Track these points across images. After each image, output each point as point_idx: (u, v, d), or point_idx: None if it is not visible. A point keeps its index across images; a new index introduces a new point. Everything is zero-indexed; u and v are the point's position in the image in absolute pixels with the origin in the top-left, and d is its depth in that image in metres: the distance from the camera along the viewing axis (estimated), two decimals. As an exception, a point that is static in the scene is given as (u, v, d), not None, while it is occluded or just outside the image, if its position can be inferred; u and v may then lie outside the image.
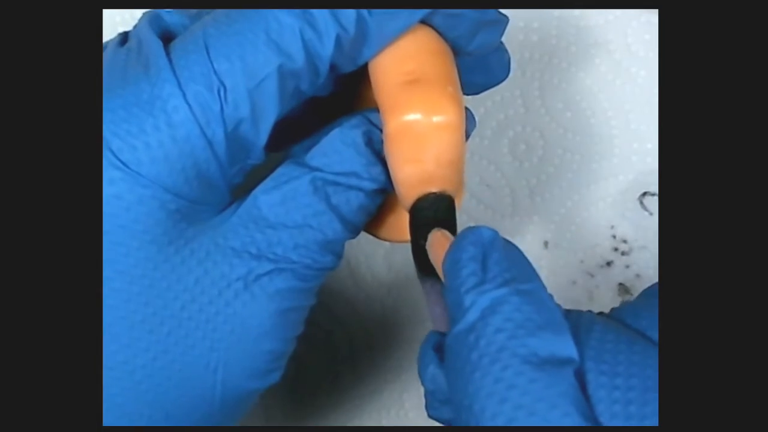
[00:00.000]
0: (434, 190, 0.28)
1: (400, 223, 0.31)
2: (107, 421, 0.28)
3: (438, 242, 0.28)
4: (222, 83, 0.27)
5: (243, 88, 0.27)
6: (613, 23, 0.40)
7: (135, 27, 0.29)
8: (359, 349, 0.40)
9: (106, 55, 0.28)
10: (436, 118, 0.28)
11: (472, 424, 0.23)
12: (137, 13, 0.37)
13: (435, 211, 0.28)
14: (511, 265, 0.25)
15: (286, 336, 0.29)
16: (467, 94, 0.31)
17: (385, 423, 0.40)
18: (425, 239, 0.28)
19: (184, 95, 0.26)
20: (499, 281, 0.25)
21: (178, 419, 0.28)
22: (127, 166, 0.26)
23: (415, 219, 0.29)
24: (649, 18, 0.39)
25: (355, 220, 0.29)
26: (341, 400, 0.40)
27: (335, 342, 0.40)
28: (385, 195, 0.30)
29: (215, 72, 0.27)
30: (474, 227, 0.26)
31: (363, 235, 0.33)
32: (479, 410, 0.23)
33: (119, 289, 0.27)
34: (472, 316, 0.24)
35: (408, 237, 0.30)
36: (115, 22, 0.31)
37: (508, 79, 0.40)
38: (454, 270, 0.25)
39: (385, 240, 0.32)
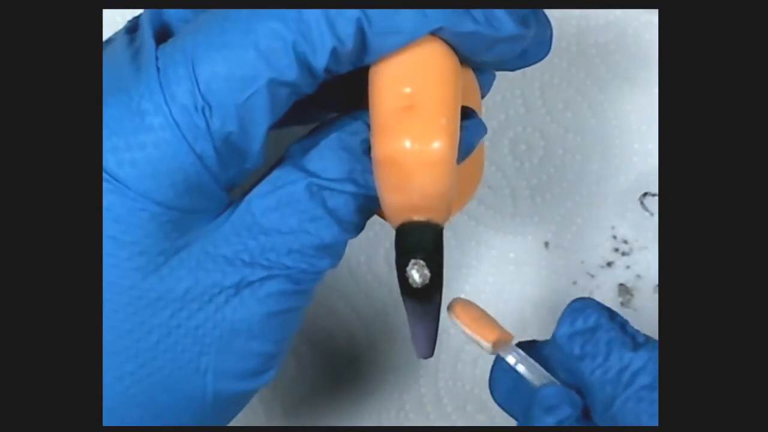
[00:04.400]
0: (419, 218, 0.28)
1: None
2: (101, 421, 0.28)
3: (470, 311, 0.29)
4: (207, 102, 0.26)
5: (230, 104, 0.26)
6: (614, 23, 0.40)
7: (142, 16, 0.29)
8: (359, 349, 0.40)
9: (114, 44, 0.28)
10: (423, 154, 0.27)
11: None
12: (138, 13, 0.37)
13: (416, 241, 0.28)
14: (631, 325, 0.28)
15: (278, 338, 0.29)
16: (498, 70, 0.30)
17: (385, 423, 0.40)
18: (407, 264, 0.28)
19: (170, 111, 0.26)
20: (647, 339, 0.27)
21: (168, 420, 0.28)
22: (116, 180, 0.26)
23: (399, 244, 0.28)
24: (650, 18, 0.39)
25: (354, 221, 0.29)
26: (341, 400, 0.40)
27: (335, 342, 0.40)
28: None
29: (200, 90, 0.26)
30: (588, 300, 0.28)
31: (364, 234, 0.33)
32: None
33: (108, 299, 0.27)
34: (651, 371, 0.26)
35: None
36: (116, 22, 0.31)
37: (508, 80, 0.40)
38: (597, 335, 0.27)
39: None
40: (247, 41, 0.26)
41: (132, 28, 0.29)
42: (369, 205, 0.29)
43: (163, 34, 0.28)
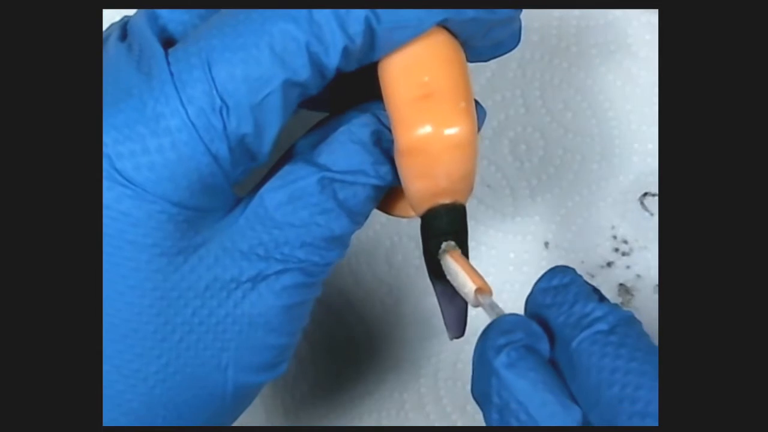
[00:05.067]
0: (446, 201, 0.29)
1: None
2: (124, 424, 0.28)
3: (459, 262, 0.29)
4: (225, 103, 0.27)
5: (246, 105, 0.27)
6: (614, 24, 0.40)
7: (133, 19, 0.29)
8: (359, 348, 0.40)
9: (108, 52, 0.28)
10: (448, 138, 0.28)
11: (638, 412, 0.25)
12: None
13: (447, 223, 0.29)
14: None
15: (292, 329, 0.30)
16: (472, 62, 0.31)
17: (385, 423, 0.40)
18: (438, 248, 0.29)
19: (187, 113, 0.26)
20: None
21: (191, 417, 0.29)
22: (134, 184, 0.27)
23: (427, 229, 0.29)
24: (650, 18, 0.39)
25: (362, 211, 0.30)
26: (341, 399, 0.40)
27: (335, 341, 0.40)
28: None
29: (218, 91, 0.27)
30: (562, 265, 0.28)
31: (364, 234, 0.33)
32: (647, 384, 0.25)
33: (131, 302, 0.27)
34: (611, 320, 0.26)
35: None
36: (115, 22, 0.31)
37: (508, 80, 0.40)
38: (569, 288, 0.27)
39: (398, 217, 0.32)
40: (262, 43, 0.27)
41: (122, 34, 0.29)
42: (377, 196, 0.30)
43: (164, 40, 0.28)
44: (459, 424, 0.40)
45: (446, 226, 0.29)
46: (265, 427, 0.40)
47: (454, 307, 0.31)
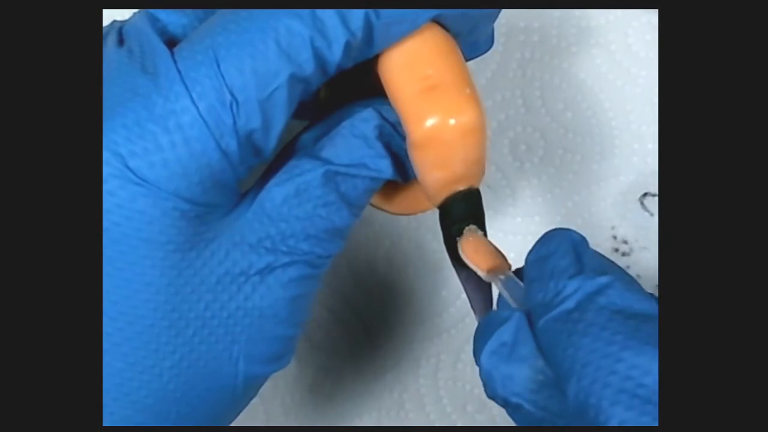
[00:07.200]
0: (462, 188, 0.30)
1: (411, 197, 0.32)
2: (139, 421, 0.28)
3: (473, 243, 0.30)
4: (234, 98, 0.27)
5: (255, 100, 0.27)
6: (614, 24, 0.40)
7: (129, 24, 0.29)
8: (359, 348, 0.40)
9: (107, 58, 0.28)
10: (459, 125, 0.28)
11: (583, 388, 0.25)
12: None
13: (465, 208, 0.30)
14: (603, 261, 0.27)
15: (298, 321, 0.30)
16: None
17: (384, 423, 0.40)
18: (460, 233, 0.30)
19: (198, 109, 0.27)
20: (599, 271, 0.26)
21: (204, 411, 0.29)
22: (147, 182, 0.27)
23: (447, 216, 0.30)
24: (650, 18, 0.39)
25: (360, 204, 0.30)
26: (341, 399, 0.40)
27: (335, 342, 0.40)
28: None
29: (227, 86, 0.27)
30: (561, 229, 0.28)
31: (363, 234, 0.33)
32: (594, 370, 0.25)
33: (147, 299, 0.28)
34: (577, 297, 0.26)
35: (421, 209, 0.32)
36: (107, 26, 0.31)
37: (508, 80, 0.40)
38: (548, 261, 0.27)
39: (397, 214, 0.33)
40: (268, 38, 0.27)
41: (120, 39, 0.29)
42: (375, 188, 0.30)
43: (166, 41, 0.28)
44: (459, 424, 0.40)
45: (465, 211, 0.30)
46: (265, 427, 0.40)
47: (480, 291, 0.31)
